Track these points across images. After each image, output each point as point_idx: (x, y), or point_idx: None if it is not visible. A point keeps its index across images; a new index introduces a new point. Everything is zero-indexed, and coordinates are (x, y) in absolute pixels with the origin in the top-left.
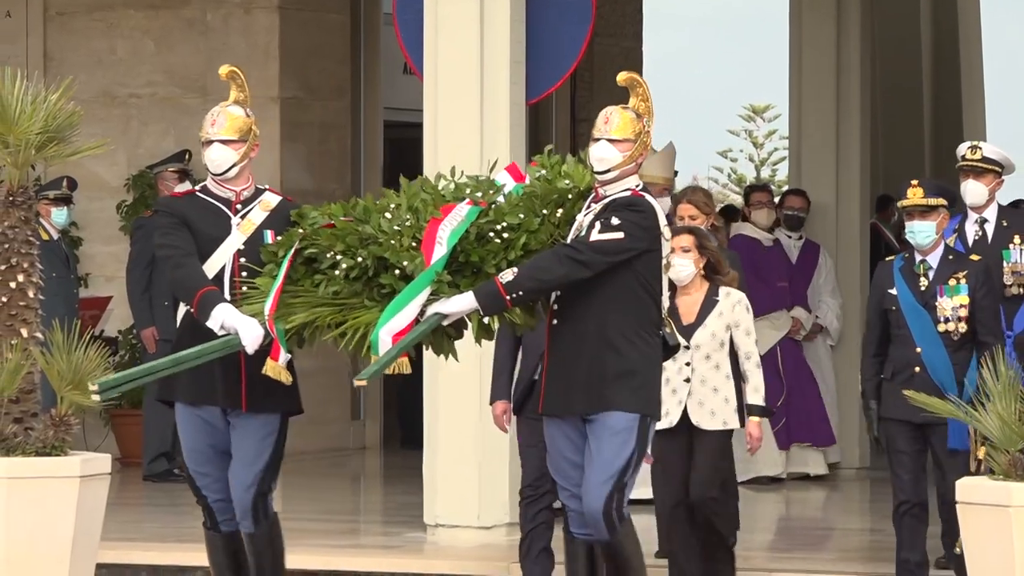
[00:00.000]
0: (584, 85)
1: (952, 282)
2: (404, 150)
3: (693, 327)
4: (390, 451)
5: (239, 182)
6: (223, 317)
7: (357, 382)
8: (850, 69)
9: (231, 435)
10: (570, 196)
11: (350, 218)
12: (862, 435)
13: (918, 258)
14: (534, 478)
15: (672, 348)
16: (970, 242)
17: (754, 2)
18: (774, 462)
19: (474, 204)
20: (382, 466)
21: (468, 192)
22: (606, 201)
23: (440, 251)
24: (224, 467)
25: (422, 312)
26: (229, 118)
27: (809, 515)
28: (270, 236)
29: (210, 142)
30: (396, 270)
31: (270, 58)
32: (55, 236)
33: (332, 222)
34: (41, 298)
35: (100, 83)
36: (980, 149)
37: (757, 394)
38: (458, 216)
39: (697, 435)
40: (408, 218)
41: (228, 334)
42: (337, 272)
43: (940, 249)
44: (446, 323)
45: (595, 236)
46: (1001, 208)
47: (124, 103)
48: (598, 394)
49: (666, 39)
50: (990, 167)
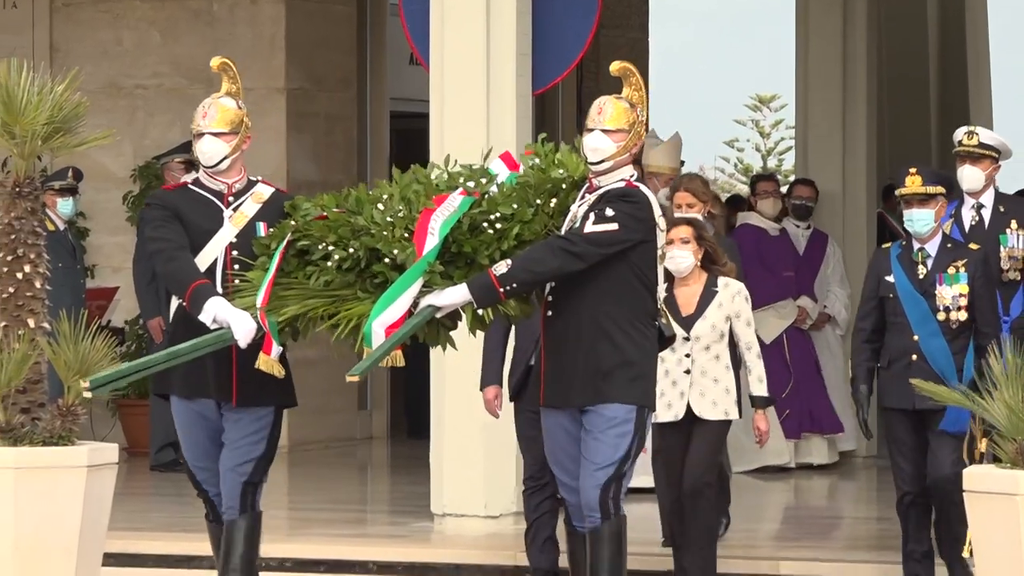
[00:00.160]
0: (590, 76)
1: (951, 270)
2: (410, 141)
3: (693, 318)
4: (397, 441)
5: (231, 174)
6: (215, 311)
7: (349, 378)
8: (856, 58)
9: (224, 426)
10: (564, 186)
11: (343, 209)
12: (871, 423)
13: (916, 246)
14: (536, 468)
15: (668, 339)
16: (967, 228)
17: None
18: (780, 451)
19: (467, 194)
20: (389, 456)
21: (462, 181)
22: (600, 192)
23: (432, 241)
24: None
25: (415, 304)
26: (220, 110)
27: (817, 504)
28: (263, 228)
29: (201, 134)
30: (388, 260)
31: (276, 49)
32: (61, 227)
33: (324, 214)
34: (48, 288)
35: (106, 74)
36: (977, 135)
37: (761, 384)
38: (451, 206)
39: (697, 424)
40: (401, 209)
41: (220, 328)
42: (329, 263)
43: (938, 237)
44: (439, 315)
45: (589, 227)
46: (998, 194)
47: (130, 94)
48: (595, 386)
49: (672, 30)
50: (987, 153)
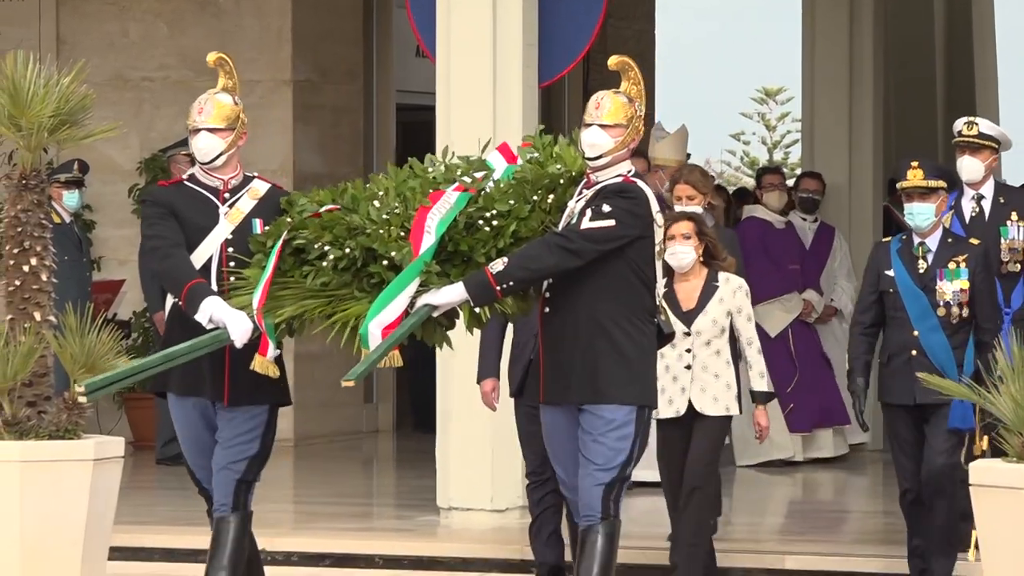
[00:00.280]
0: (597, 68)
1: (952, 265)
2: (416, 133)
3: (694, 313)
4: (403, 434)
5: (227, 170)
6: (212, 310)
7: (344, 383)
8: (863, 52)
9: (220, 424)
10: (562, 181)
11: (338, 206)
12: (877, 417)
13: (916, 240)
14: (537, 463)
15: (667, 336)
16: (967, 219)
17: None
18: (785, 445)
19: (464, 190)
20: (395, 449)
21: (459, 174)
22: (597, 187)
23: (428, 240)
24: None
25: (412, 304)
26: (217, 106)
27: (823, 498)
28: (259, 225)
29: (197, 130)
30: (384, 260)
31: (282, 41)
32: (67, 219)
33: (319, 211)
34: (54, 281)
35: (112, 66)
36: (976, 125)
37: (762, 380)
38: (447, 204)
39: (698, 420)
40: (397, 206)
41: (216, 328)
42: (325, 263)
43: (939, 232)
44: (436, 314)
45: (586, 224)
46: (998, 185)
47: (137, 86)
48: (593, 385)
49: (679, 22)
50: (986, 143)
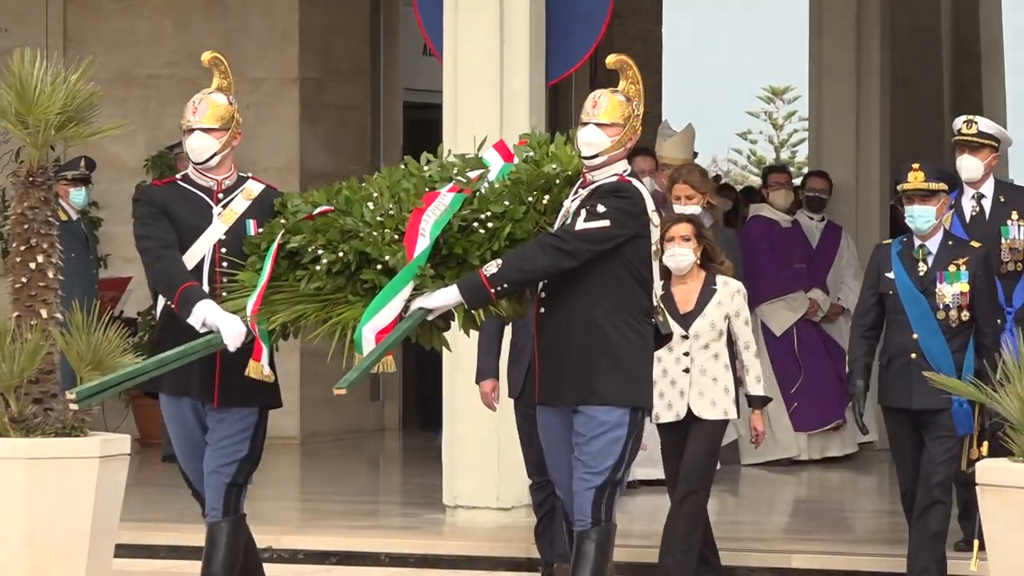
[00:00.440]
0: (603, 67)
1: (952, 268)
2: (423, 131)
3: (692, 316)
4: (409, 432)
5: (221, 171)
6: (205, 314)
7: (337, 391)
8: (870, 51)
9: (210, 426)
10: (557, 182)
11: (332, 208)
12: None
13: (917, 243)
14: (538, 464)
15: (665, 337)
16: (967, 218)
17: None
18: (789, 444)
19: (459, 191)
20: (401, 447)
21: (455, 172)
22: (593, 187)
23: (423, 243)
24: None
25: (406, 308)
26: (211, 106)
27: (829, 497)
28: (252, 226)
29: (191, 130)
30: (378, 264)
31: (289, 39)
32: (74, 217)
33: (312, 213)
34: (60, 279)
35: (119, 64)
36: (976, 123)
37: (758, 384)
38: (441, 205)
39: (694, 423)
40: (391, 207)
41: (209, 331)
42: (319, 267)
43: (939, 234)
44: (431, 317)
45: (580, 224)
46: (999, 183)
47: (143, 84)
48: (588, 386)
49: (686, 20)
50: (986, 142)
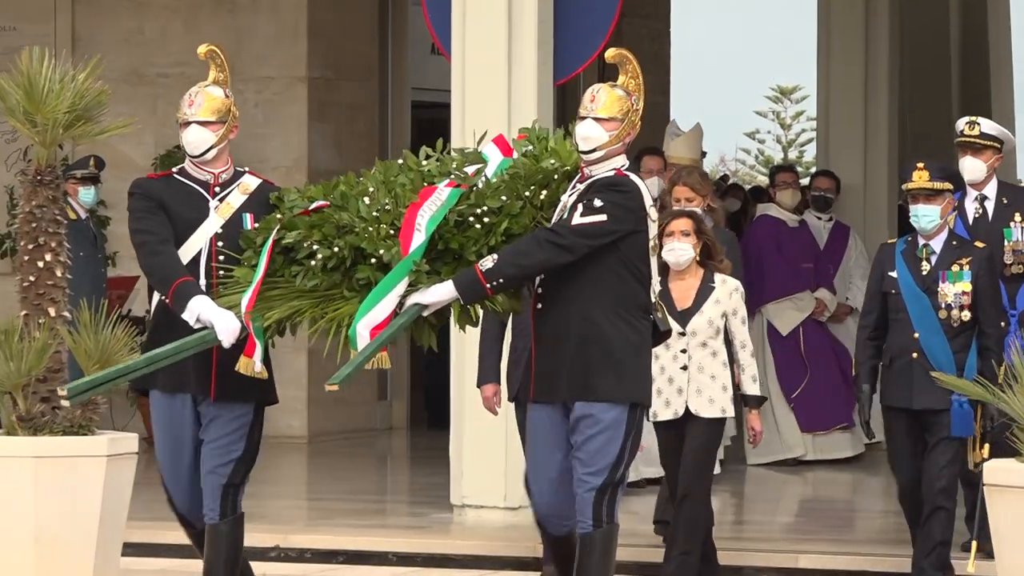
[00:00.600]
0: (612, 66)
1: (955, 268)
2: (432, 130)
3: (689, 313)
4: (417, 432)
5: (217, 164)
6: (199, 310)
7: (329, 387)
8: (878, 51)
9: (205, 424)
10: (556, 177)
11: (327, 203)
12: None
13: (921, 242)
14: None
15: (663, 334)
16: (970, 220)
17: None
18: (795, 444)
19: (456, 186)
20: (409, 447)
21: (454, 167)
22: (590, 181)
23: (419, 238)
24: (191, 465)
25: (401, 303)
26: (208, 99)
27: (836, 497)
28: (249, 220)
29: (188, 123)
30: (373, 260)
31: (298, 38)
32: (83, 215)
33: (308, 208)
34: (68, 277)
35: (128, 62)
36: (978, 125)
37: (754, 384)
38: (437, 200)
39: (692, 422)
40: (387, 203)
41: (204, 327)
42: (314, 263)
43: (944, 234)
44: (426, 313)
45: (577, 219)
46: (1001, 185)
47: (152, 82)
48: (584, 382)
49: (694, 20)
50: (989, 143)
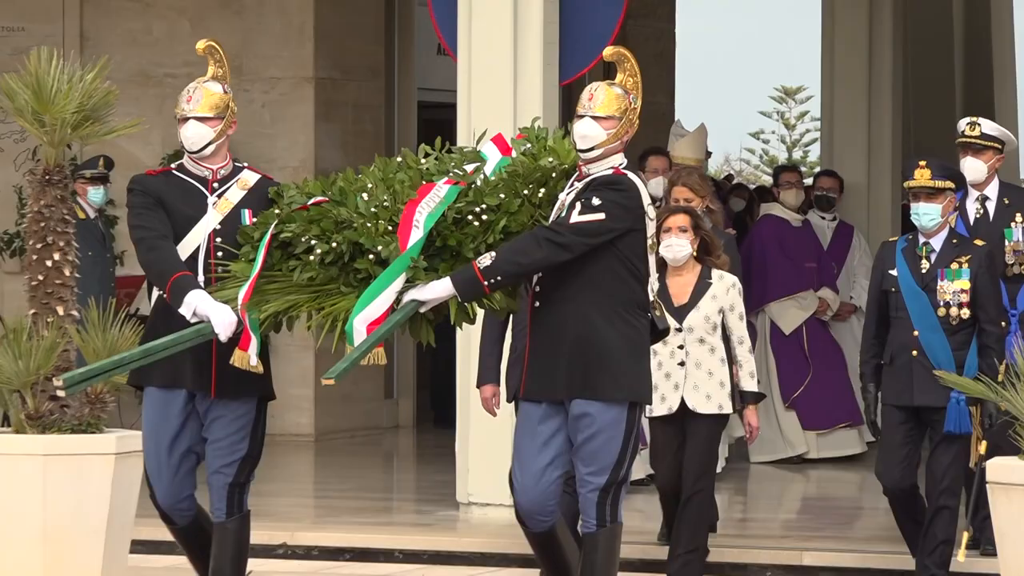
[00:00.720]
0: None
1: (954, 266)
2: (438, 130)
3: (686, 309)
4: (423, 430)
5: (216, 160)
6: (196, 304)
7: (325, 381)
8: (882, 51)
9: (207, 424)
10: (554, 175)
11: (327, 199)
12: None
13: (921, 240)
14: None
15: (661, 331)
16: (971, 220)
17: None
18: (798, 442)
19: (454, 183)
20: (415, 445)
21: (452, 166)
22: (588, 180)
23: (416, 235)
24: (179, 461)
25: (398, 299)
26: (206, 94)
27: (840, 494)
28: (247, 215)
29: (186, 119)
30: (371, 254)
31: (305, 38)
32: (92, 215)
33: (307, 203)
34: (77, 276)
35: (136, 63)
36: (979, 125)
37: (752, 380)
38: (436, 197)
39: (691, 419)
40: (386, 199)
41: (200, 321)
42: (312, 257)
43: (944, 232)
44: (423, 310)
45: (575, 217)
46: (1003, 185)
47: (160, 83)
48: (583, 381)
49: (699, 21)
50: (989, 144)
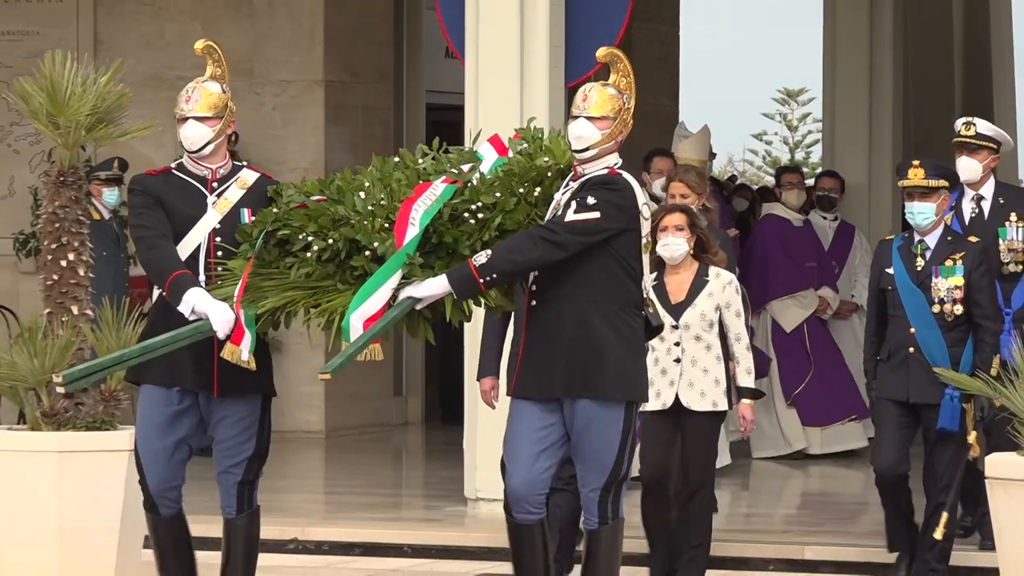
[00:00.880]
0: None
1: (948, 263)
2: (446, 132)
3: (683, 306)
4: (431, 427)
5: (215, 159)
6: (194, 301)
7: (322, 376)
8: (882, 54)
9: (212, 424)
10: (549, 174)
11: (324, 197)
12: None
13: (916, 238)
14: None
15: (655, 329)
16: (967, 220)
17: None
18: (797, 437)
19: (451, 182)
20: (423, 442)
21: (448, 166)
22: (583, 179)
23: (412, 232)
24: (172, 449)
25: (394, 296)
26: (204, 94)
27: (842, 490)
28: (247, 215)
29: (185, 119)
30: (368, 251)
31: (315, 42)
32: (106, 216)
33: (305, 202)
34: (91, 276)
35: (149, 66)
36: (974, 125)
37: (748, 376)
38: (432, 195)
39: (687, 417)
40: (382, 197)
41: (199, 319)
42: (309, 254)
43: (939, 230)
44: (419, 307)
45: (570, 216)
46: (999, 185)
47: (172, 86)
48: (580, 379)
49: (703, 24)
50: (984, 144)
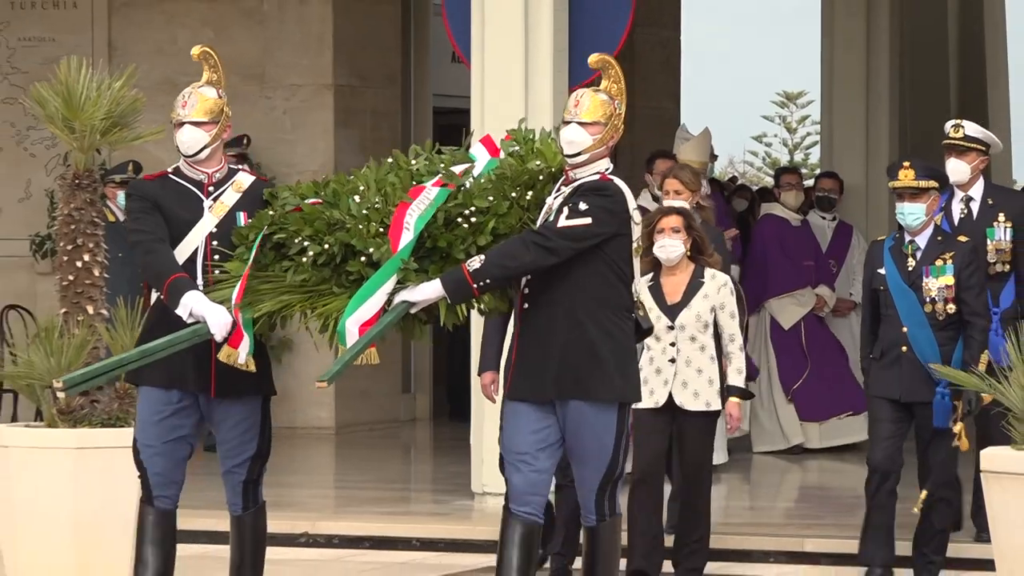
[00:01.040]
0: (624, 73)
1: (939, 262)
2: (453, 135)
3: (678, 307)
4: (439, 423)
5: (211, 164)
6: (192, 304)
7: (319, 384)
8: (879, 57)
9: (214, 425)
10: (541, 178)
11: (319, 200)
12: None
13: (907, 238)
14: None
15: (645, 331)
16: (956, 220)
17: None
18: (795, 433)
19: (443, 185)
20: (431, 437)
21: (442, 167)
22: (575, 185)
23: (407, 237)
24: (173, 445)
25: (389, 300)
26: (200, 99)
27: (842, 483)
28: (243, 218)
29: (181, 124)
30: (363, 256)
31: (324, 46)
32: (121, 218)
33: (300, 205)
34: (106, 276)
35: (162, 71)
36: (963, 128)
37: (740, 376)
38: (426, 200)
39: (681, 417)
40: (377, 201)
41: (197, 322)
42: (304, 259)
43: (929, 230)
44: (414, 311)
45: (562, 222)
46: (988, 186)
47: None
48: (573, 382)
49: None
50: (973, 146)
